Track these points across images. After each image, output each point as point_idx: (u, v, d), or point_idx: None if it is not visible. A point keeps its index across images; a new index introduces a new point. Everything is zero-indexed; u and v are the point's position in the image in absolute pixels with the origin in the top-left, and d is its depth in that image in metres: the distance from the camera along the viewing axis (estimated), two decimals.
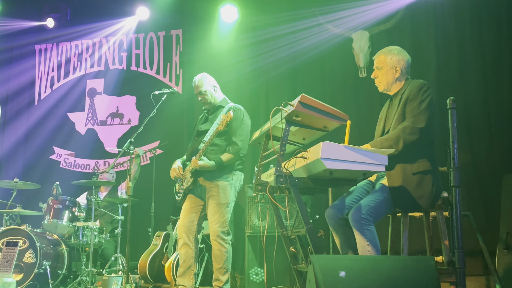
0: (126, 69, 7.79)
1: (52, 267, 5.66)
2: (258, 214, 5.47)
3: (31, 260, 5.59)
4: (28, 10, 8.10)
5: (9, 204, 6.46)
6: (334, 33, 6.59)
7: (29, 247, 5.63)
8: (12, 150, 7.82)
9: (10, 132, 7.91)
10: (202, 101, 4.70)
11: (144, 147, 7.00)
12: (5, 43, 8.21)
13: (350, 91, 6.49)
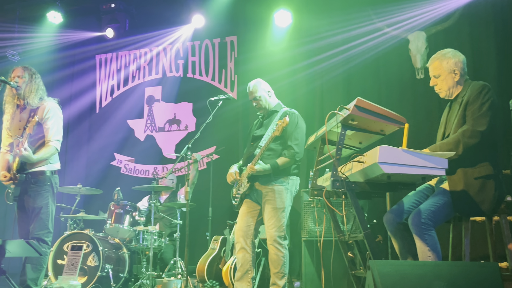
0: (183, 76, 7.95)
1: (114, 270, 5.83)
2: (314, 218, 5.45)
3: (94, 263, 5.78)
4: (89, 22, 8.42)
5: (73, 209, 6.71)
6: (389, 35, 6.50)
7: (92, 251, 5.82)
8: (75, 156, 8.12)
9: (73, 140, 8.22)
10: (257, 106, 4.74)
11: (201, 152, 7.12)
12: (68, 53, 8.55)
13: (407, 94, 6.38)
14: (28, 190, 4.53)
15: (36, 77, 4.68)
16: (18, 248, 3.71)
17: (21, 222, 4.64)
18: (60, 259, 5.89)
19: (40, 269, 4.50)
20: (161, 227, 6.52)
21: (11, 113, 4.69)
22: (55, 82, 8.24)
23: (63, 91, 8.16)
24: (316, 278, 5.40)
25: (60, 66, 8.52)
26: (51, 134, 4.57)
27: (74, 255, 3.18)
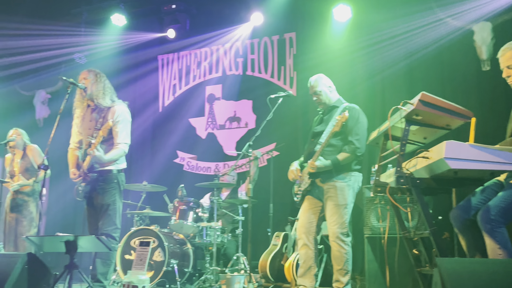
0: (243, 74, 8.03)
1: (179, 265, 5.97)
2: (377, 215, 5.38)
3: (160, 259, 5.95)
4: (151, 23, 8.65)
5: (139, 206, 6.93)
6: (453, 26, 6.31)
7: (158, 246, 5.99)
8: (140, 155, 8.37)
9: (138, 138, 8.46)
10: (317, 101, 4.72)
11: (261, 149, 7.18)
12: (131, 54, 8.82)
13: (472, 86, 6.18)
14: (97, 188, 4.71)
15: (100, 76, 4.86)
16: (89, 244, 3.87)
17: (90, 219, 4.84)
18: (128, 254, 6.11)
19: (109, 264, 4.67)
20: (223, 223, 6.62)
21: (81, 114, 4.90)
22: (120, 83, 8.50)
23: (127, 91, 8.42)
24: (379, 275, 5.33)
25: (124, 67, 8.82)
26: (120, 137, 4.74)
27: (142, 250, 3.29)
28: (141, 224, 6.65)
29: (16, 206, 6.09)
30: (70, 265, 3.66)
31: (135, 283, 3.08)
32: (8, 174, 6.27)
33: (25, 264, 3.45)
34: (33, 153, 6.25)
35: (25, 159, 6.23)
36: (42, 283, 3.62)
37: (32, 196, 6.16)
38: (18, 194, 6.11)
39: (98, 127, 4.71)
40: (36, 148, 6.30)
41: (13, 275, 3.35)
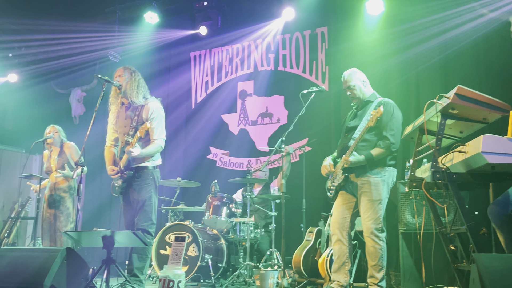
0: (274, 70, 8.03)
1: (213, 260, 6.02)
2: (412, 210, 5.32)
3: (194, 254, 6.01)
4: (183, 20, 8.73)
5: (173, 201, 7.01)
6: (489, 18, 6.16)
7: (192, 241, 6.06)
8: (173, 151, 8.45)
9: (172, 135, 8.55)
10: (351, 96, 4.68)
11: (293, 144, 7.17)
12: (164, 52, 8.92)
13: (510, 79, 6.03)
14: (133, 184, 4.79)
15: (135, 75, 4.93)
16: (126, 239, 3.94)
17: (127, 214, 4.92)
18: (163, 249, 6.19)
19: (145, 258, 4.75)
20: (256, 219, 6.65)
21: (116, 111, 4.98)
22: (153, 80, 8.61)
23: (161, 89, 8.52)
24: (415, 271, 5.27)
25: (157, 65, 8.92)
26: (156, 133, 4.82)
27: (178, 245, 3.34)
28: (175, 219, 6.73)
29: (54, 202, 6.23)
30: (107, 260, 3.73)
31: (171, 277, 3.12)
32: (45, 170, 6.42)
33: (64, 259, 3.53)
34: (70, 150, 6.38)
35: (62, 156, 6.36)
36: (80, 277, 3.70)
37: (68, 192, 6.29)
38: (55, 190, 6.24)
39: (133, 124, 4.79)
40: (73, 146, 6.43)
41: (52, 269, 3.43)
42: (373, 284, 4.31)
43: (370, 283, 4.34)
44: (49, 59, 9.21)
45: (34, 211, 6.52)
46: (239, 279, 6.01)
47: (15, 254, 3.76)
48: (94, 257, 7.68)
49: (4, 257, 3.75)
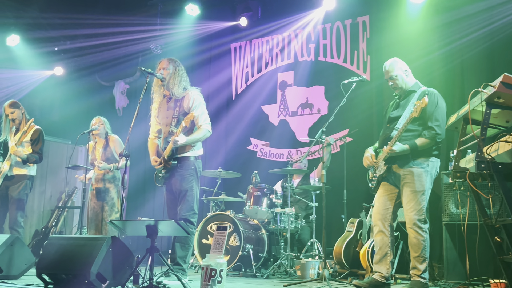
0: (314, 60, 7.98)
1: (254, 250, 6.08)
2: (456, 202, 5.23)
3: (236, 243, 6.08)
4: (223, 12, 8.77)
5: (215, 192, 7.09)
6: None
7: (233, 231, 6.13)
8: (214, 142, 8.53)
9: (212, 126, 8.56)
10: (393, 86, 4.62)
11: (334, 135, 7.13)
12: (204, 44, 8.99)
13: None
14: (175, 174, 4.88)
15: (179, 69, 4.99)
16: (169, 228, 4.00)
17: (170, 204, 5.01)
18: (205, 238, 6.28)
19: (188, 247, 4.84)
20: (296, 210, 6.66)
21: (159, 102, 5.07)
22: (194, 72, 8.70)
23: (202, 80, 8.59)
24: (459, 263, 5.20)
25: (198, 56, 9.00)
26: (201, 120, 4.90)
27: (219, 235, 3.38)
28: (216, 209, 6.82)
29: (99, 192, 6.39)
30: (151, 248, 3.81)
31: (213, 266, 3.16)
32: (90, 162, 6.58)
33: (109, 247, 3.63)
34: (114, 143, 6.52)
35: (107, 149, 6.51)
36: (125, 265, 3.80)
37: (113, 182, 6.43)
38: (100, 181, 6.40)
39: (175, 115, 4.86)
40: (117, 139, 6.57)
41: (99, 257, 3.53)
42: (416, 276, 4.27)
43: (413, 275, 4.30)
44: (94, 52, 9.42)
45: (80, 201, 6.70)
46: (280, 269, 6.04)
47: (63, 242, 3.89)
48: (138, 246, 7.86)
49: (53, 245, 3.88)
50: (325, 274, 4.21)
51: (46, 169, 9.52)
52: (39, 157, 6.17)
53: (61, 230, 8.57)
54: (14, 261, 4.51)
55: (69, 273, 3.57)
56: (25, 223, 7.30)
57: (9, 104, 6.24)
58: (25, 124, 6.20)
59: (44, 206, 9.46)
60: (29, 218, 9.02)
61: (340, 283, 4.77)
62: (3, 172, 6.06)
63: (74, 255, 3.65)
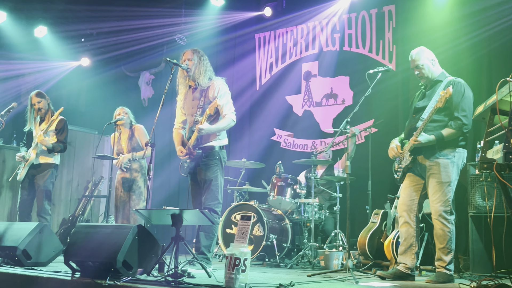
0: (339, 50, 7.92)
1: (278, 240, 6.10)
2: (482, 193, 5.16)
3: (259, 233, 6.11)
4: (248, 2, 8.75)
5: (239, 182, 7.12)
6: None
7: (257, 221, 6.15)
8: (238, 132, 8.56)
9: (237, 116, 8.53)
10: (419, 75, 4.57)
11: (359, 126, 7.08)
12: (229, 34, 8.99)
13: None
14: (200, 164, 4.92)
15: (204, 59, 5.02)
16: (194, 217, 4.04)
17: (194, 193, 5.06)
18: (229, 228, 6.32)
19: (212, 237, 4.88)
20: (320, 200, 6.65)
21: (184, 93, 5.11)
22: (218, 62, 8.72)
23: (226, 70, 8.60)
24: (485, 256, 5.14)
25: (222, 47, 9.02)
26: (226, 109, 4.92)
27: (244, 224, 3.40)
28: (240, 199, 6.85)
29: (126, 182, 6.47)
30: (176, 237, 3.85)
31: (237, 255, 3.18)
32: (117, 152, 6.66)
33: (135, 235, 3.68)
34: (139, 133, 6.59)
35: (133, 139, 6.58)
36: (151, 253, 3.85)
37: (140, 172, 6.51)
38: (127, 171, 6.48)
39: (200, 105, 4.89)
40: (142, 128, 6.63)
41: (125, 245, 3.58)
42: (441, 267, 4.24)
43: (438, 266, 4.27)
44: (119, 43, 9.51)
45: (106, 190, 6.80)
46: (303, 259, 6.06)
47: (90, 230, 3.95)
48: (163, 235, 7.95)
49: (80, 233, 3.95)
50: (349, 265, 4.19)
51: (73, 158, 9.68)
52: (63, 147, 6.28)
53: (88, 218, 8.72)
54: (42, 248, 4.60)
55: (96, 260, 3.63)
56: (53, 212, 7.43)
57: (35, 94, 6.35)
58: (51, 115, 6.30)
59: (71, 195, 9.62)
60: (56, 207, 9.19)
61: (364, 274, 4.76)
62: (30, 161, 6.18)
63: (101, 243, 3.71)
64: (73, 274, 3.67)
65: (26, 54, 9.12)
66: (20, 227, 4.74)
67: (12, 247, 4.40)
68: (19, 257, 4.35)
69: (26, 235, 4.49)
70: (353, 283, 3.86)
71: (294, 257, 6.07)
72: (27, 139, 6.44)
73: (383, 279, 4.31)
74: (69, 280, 3.59)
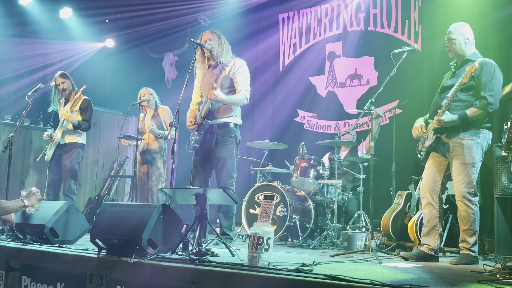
0: (364, 30, 7.81)
1: (301, 221, 6.12)
2: (508, 175, 5.09)
3: (282, 214, 6.13)
4: None
5: (262, 163, 7.14)
6: None
7: (280, 202, 6.18)
8: (261, 113, 8.55)
9: (260, 97, 8.64)
10: (448, 48, 4.50)
11: (383, 107, 7.01)
12: (252, 15, 8.94)
13: None
14: (214, 140, 4.92)
15: (223, 38, 5.09)
16: (217, 197, 4.07)
17: (199, 169, 5.05)
18: (252, 208, 6.36)
19: (231, 216, 4.95)
20: (343, 182, 6.64)
21: (202, 74, 5.12)
22: (242, 43, 8.70)
23: (249, 51, 8.58)
24: (510, 237, 5.09)
25: (246, 27, 8.98)
26: (242, 85, 4.94)
27: (267, 204, 3.42)
28: (263, 180, 6.87)
29: (146, 162, 6.55)
30: (200, 216, 3.90)
31: (260, 234, 3.20)
32: (139, 131, 6.73)
33: (160, 214, 3.72)
34: (164, 113, 6.63)
35: (156, 118, 6.63)
36: (175, 232, 3.89)
37: (159, 153, 6.58)
38: (147, 151, 6.55)
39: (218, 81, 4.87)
40: (167, 109, 6.68)
41: (150, 224, 3.63)
42: (465, 249, 4.21)
43: (462, 248, 4.24)
44: (143, 24, 9.55)
45: (131, 170, 6.89)
46: (326, 240, 6.07)
47: (115, 209, 4.02)
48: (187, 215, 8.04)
49: (106, 211, 4.02)
50: (372, 246, 4.19)
51: (99, 139, 9.80)
52: (88, 125, 6.38)
53: (113, 198, 8.85)
54: (69, 226, 4.69)
55: (122, 238, 3.69)
56: (79, 191, 7.57)
57: (59, 75, 6.44)
58: (75, 94, 6.39)
59: (97, 175, 9.77)
60: (82, 187, 9.35)
61: (387, 255, 4.76)
62: (56, 140, 6.28)
63: (126, 222, 3.76)
64: (99, 252, 3.74)
65: (52, 35, 9.21)
66: (47, 206, 4.83)
67: (40, 225, 4.49)
68: (46, 234, 4.44)
69: (53, 213, 4.58)
70: (376, 263, 3.86)
71: (317, 238, 6.09)
72: (54, 120, 6.55)
73: (407, 260, 4.30)
74: (95, 257, 3.66)
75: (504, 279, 2.86)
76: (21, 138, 8.60)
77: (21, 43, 8.96)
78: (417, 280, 2.82)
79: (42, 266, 3.98)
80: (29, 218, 4.59)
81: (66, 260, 3.79)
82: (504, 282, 2.72)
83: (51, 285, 3.94)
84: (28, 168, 8.71)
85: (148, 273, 3.28)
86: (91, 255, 3.72)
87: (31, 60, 9.10)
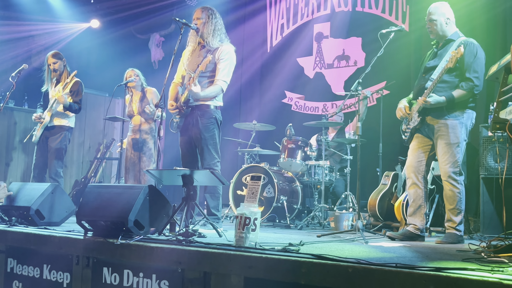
0: (352, 11, 7.77)
1: (288, 202, 6.13)
2: (494, 155, 5.13)
3: (270, 195, 6.14)
4: None
5: (249, 144, 7.12)
6: None
7: (267, 183, 6.18)
8: (249, 95, 8.51)
9: (247, 78, 8.59)
10: (429, 29, 4.50)
11: (371, 88, 7.01)
12: None
13: None
14: (194, 122, 4.89)
15: (213, 17, 4.95)
16: (204, 178, 4.06)
17: (186, 152, 5.04)
18: (239, 190, 6.36)
19: (218, 196, 4.94)
20: (331, 163, 6.65)
21: (191, 50, 5.07)
22: (228, 24, 8.53)
23: (236, 32, 8.49)
24: (495, 217, 5.14)
25: (233, 8, 8.87)
26: (221, 74, 4.87)
27: (253, 184, 3.41)
28: (251, 162, 6.86)
29: (137, 143, 6.50)
30: (186, 197, 3.88)
31: (247, 214, 3.20)
32: (127, 114, 6.67)
33: (146, 195, 3.70)
34: (152, 95, 6.57)
35: (144, 100, 6.57)
36: (162, 213, 3.88)
37: (150, 133, 6.53)
38: (138, 133, 6.50)
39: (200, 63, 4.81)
40: (154, 91, 6.62)
41: (136, 205, 3.61)
42: (451, 228, 4.25)
43: (448, 227, 4.28)
44: (129, 4, 9.42)
45: (118, 152, 6.84)
46: (313, 221, 6.10)
47: (101, 191, 3.99)
48: (175, 196, 8.03)
49: (92, 193, 3.99)
50: (359, 226, 4.21)
51: (85, 121, 9.72)
52: (79, 107, 6.29)
53: (100, 180, 8.81)
54: (55, 208, 4.67)
55: (108, 220, 3.67)
56: (65, 174, 7.51)
57: (52, 54, 6.33)
58: (66, 77, 6.29)
59: (83, 157, 9.71)
60: (68, 169, 9.29)
61: (374, 235, 4.79)
62: (44, 123, 6.19)
63: (112, 203, 3.74)
64: (86, 234, 3.72)
65: (36, 15, 9.06)
66: (33, 188, 4.79)
67: (25, 207, 4.46)
68: (32, 216, 4.42)
69: (39, 195, 4.55)
70: (363, 243, 3.88)
71: (304, 219, 6.12)
72: (44, 100, 6.45)
73: (393, 240, 4.33)
74: (82, 239, 3.65)
75: (488, 257, 2.89)
76: (5, 120, 8.50)
77: (4, 25, 8.81)
78: (403, 259, 2.83)
79: (28, 248, 3.97)
80: (14, 200, 4.56)
81: (52, 242, 3.77)
82: (488, 261, 2.75)
83: (37, 267, 3.93)
84: (13, 151, 8.63)
85: (135, 254, 3.28)
86: (78, 236, 3.70)
87: (15, 41, 8.96)
